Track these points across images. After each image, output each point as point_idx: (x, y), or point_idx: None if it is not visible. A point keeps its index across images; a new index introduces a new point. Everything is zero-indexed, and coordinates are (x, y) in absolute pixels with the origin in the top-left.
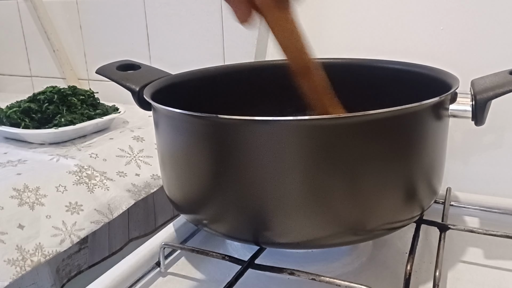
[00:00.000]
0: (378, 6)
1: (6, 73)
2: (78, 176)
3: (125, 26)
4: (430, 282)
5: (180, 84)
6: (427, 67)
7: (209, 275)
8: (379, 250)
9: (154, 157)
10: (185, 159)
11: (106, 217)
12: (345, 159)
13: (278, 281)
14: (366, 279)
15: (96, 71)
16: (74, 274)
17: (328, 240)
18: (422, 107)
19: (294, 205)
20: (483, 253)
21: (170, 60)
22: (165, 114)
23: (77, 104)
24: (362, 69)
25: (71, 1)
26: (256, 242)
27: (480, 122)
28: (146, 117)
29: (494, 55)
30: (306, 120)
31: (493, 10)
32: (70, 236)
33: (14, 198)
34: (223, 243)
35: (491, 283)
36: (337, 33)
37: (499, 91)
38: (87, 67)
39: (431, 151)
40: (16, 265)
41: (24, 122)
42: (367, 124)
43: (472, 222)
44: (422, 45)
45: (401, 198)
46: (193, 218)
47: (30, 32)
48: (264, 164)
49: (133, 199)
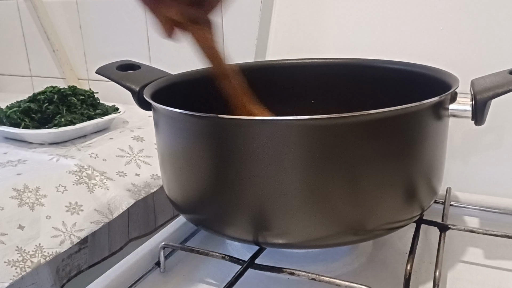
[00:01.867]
0: (378, 6)
1: (6, 73)
2: (78, 176)
3: (125, 26)
4: (430, 282)
5: (180, 84)
6: (427, 67)
7: (209, 275)
8: (379, 250)
9: (154, 157)
10: (185, 159)
11: (106, 217)
12: (345, 159)
13: (278, 281)
14: (366, 279)
15: (96, 71)
16: (74, 274)
17: (328, 240)
18: (422, 107)
19: (294, 205)
20: (483, 253)
21: (170, 60)
22: (165, 114)
23: (77, 104)
24: (362, 69)
25: (71, 1)
26: (256, 242)
27: (480, 122)
28: (146, 117)
29: (494, 55)
30: (306, 120)
31: (493, 10)
32: (70, 237)
33: (14, 199)
34: (223, 243)
35: (491, 283)
36: (337, 33)
37: (499, 91)
38: (87, 67)
39: (431, 151)
40: (16, 266)
41: (24, 122)
42: (367, 124)
43: (472, 222)
44: (422, 45)
45: (401, 198)
46: (193, 218)
47: (30, 32)
48: (264, 164)
49: (133, 199)
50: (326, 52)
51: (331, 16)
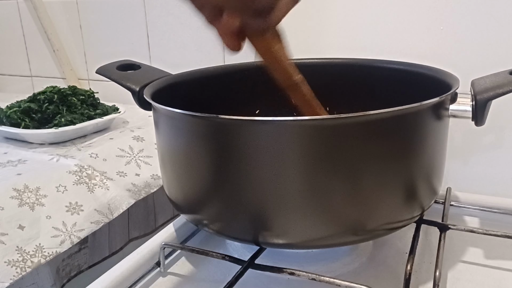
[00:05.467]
0: (378, 6)
1: (6, 73)
2: (78, 176)
3: (125, 26)
4: (430, 282)
5: (180, 84)
6: (427, 67)
7: (209, 275)
8: (379, 250)
9: (154, 157)
10: (185, 159)
11: (106, 217)
12: (345, 159)
13: (278, 281)
14: (366, 279)
15: (96, 71)
16: (74, 274)
17: (328, 240)
18: (422, 107)
19: (294, 205)
20: (483, 253)
21: (170, 60)
22: (165, 114)
23: (77, 104)
24: (362, 69)
25: (71, 1)
26: (256, 242)
27: (480, 122)
28: (146, 117)
29: (494, 55)
30: (306, 120)
31: (493, 10)
32: (70, 237)
33: (14, 199)
34: (223, 243)
35: (491, 283)
36: (337, 33)
37: (499, 91)
38: (87, 67)
39: (431, 151)
40: (17, 266)
41: (24, 122)
42: (367, 124)
43: (472, 222)
44: (422, 45)
45: (401, 198)
46: (193, 218)
47: (30, 32)
48: (264, 164)
49: (133, 199)
50: (326, 52)
51: (331, 16)
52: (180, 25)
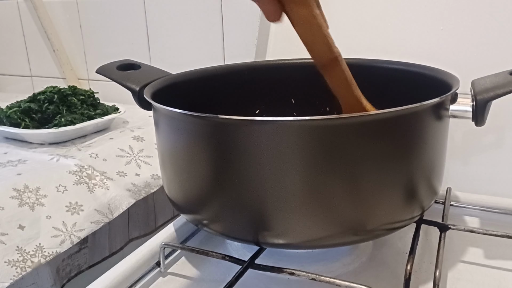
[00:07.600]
0: (378, 6)
1: (6, 73)
2: (78, 176)
3: (125, 26)
4: (430, 282)
5: (180, 84)
6: (427, 67)
7: (209, 275)
8: (379, 250)
9: (154, 157)
10: (185, 159)
11: (106, 217)
12: (345, 159)
13: (278, 281)
14: (366, 279)
15: (96, 71)
16: (74, 274)
17: (328, 240)
18: (423, 108)
19: (294, 205)
20: (483, 253)
21: (170, 60)
22: (165, 114)
23: (77, 104)
24: (362, 69)
25: (71, 1)
26: (256, 242)
27: (481, 122)
28: (146, 117)
29: (494, 55)
30: (306, 120)
31: (493, 10)
32: (70, 237)
33: (14, 199)
34: (223, 243)
35: (491, 283)
36: (337, 33)
37: (500, 92)
38: (87, 67)
39: (431, 152)
40: (17, 266)
41: (24, 122)
42: (367, 124)
43: (472, 222)
44: (422, 45)
45: (401, 198)
46: (193, 218)
47: (30, 32)
48: (264, 164)
49: (133, 199)
50: None
51: (331, 16)
52: (180, 25)
